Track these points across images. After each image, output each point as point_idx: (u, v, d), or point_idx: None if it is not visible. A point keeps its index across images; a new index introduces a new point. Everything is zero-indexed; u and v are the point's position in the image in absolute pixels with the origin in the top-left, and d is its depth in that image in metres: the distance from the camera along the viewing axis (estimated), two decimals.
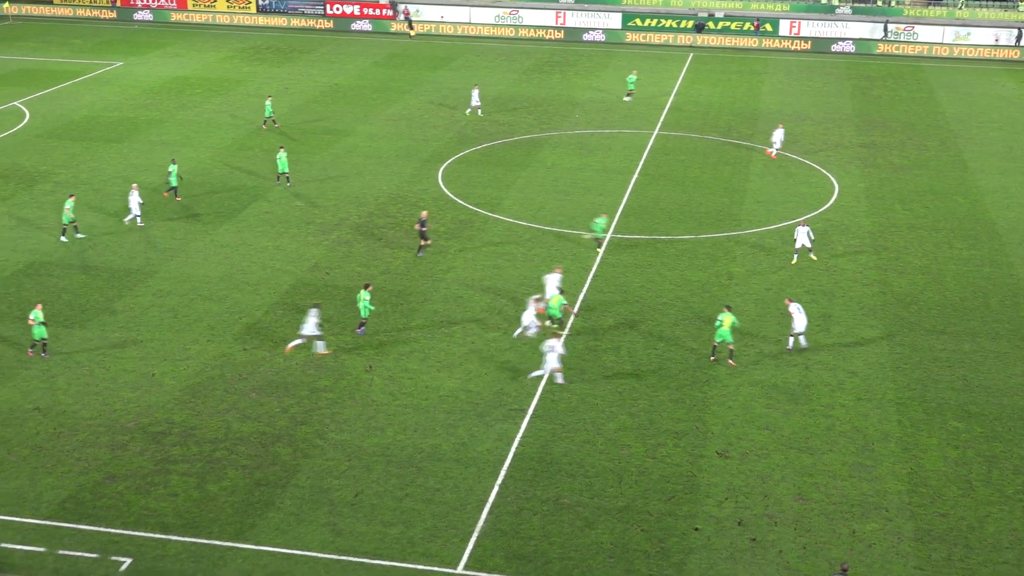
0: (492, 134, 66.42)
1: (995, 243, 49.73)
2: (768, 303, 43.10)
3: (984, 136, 67.80)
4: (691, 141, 65.80)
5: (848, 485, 31.47)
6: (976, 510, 30.41)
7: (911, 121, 71.05)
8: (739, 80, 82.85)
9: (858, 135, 67.74)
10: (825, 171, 60.11)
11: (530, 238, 49.32)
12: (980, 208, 54.40)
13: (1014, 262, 47.49)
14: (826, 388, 36.77)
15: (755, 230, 50.87)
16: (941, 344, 39.97)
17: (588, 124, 69.21)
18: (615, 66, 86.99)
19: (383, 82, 79.96)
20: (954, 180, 58.84)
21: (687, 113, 72.52)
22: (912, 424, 34.66)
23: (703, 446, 33.37)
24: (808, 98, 77.28)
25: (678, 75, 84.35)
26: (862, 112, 73.53)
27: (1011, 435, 34.07)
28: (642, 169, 60.02)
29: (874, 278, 45.68)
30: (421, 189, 56.07)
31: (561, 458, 32.65)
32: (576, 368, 37.84)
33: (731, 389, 36.62)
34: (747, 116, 71.79)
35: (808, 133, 67.83)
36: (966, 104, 76.08)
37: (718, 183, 57.65)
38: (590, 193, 55.69)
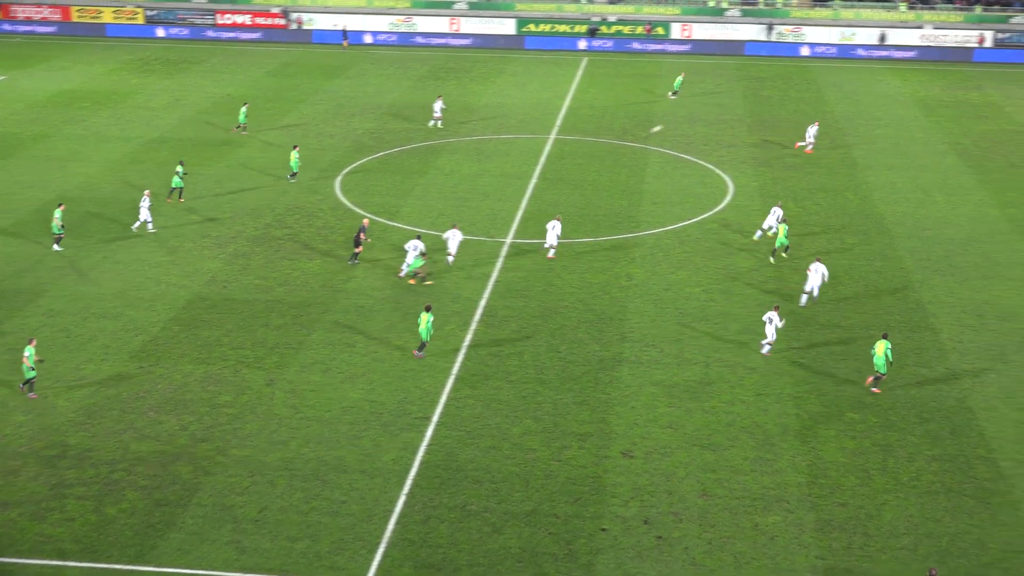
0: (389, 142, 66.20)
1: (885, 237, 51.04)
2: (667, 303, 43.65)
3: (871, 134, 69.59)
4: (587, 145, 66.37)
5: (750, 479, 32.02)
6: (873, 498, 31.16)
7: (801, 121, 72.54)
8: (633, 83, 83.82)
9: (750, 135, 69.01)
10: (719, 171, 61.12)
11: (430, 245, 49.21)
12: (870, 204, 55.80)
13: (903, 256, 48.80)
14: (726, 385, 37.36)
15: (653, 231, 51.49)
16: (836, 337, 40.89)
17: (485, 130, 69.36)
18: (511, 72, 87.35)
19: (277, 92, 79.15)
20: (844, 177, 60.27)
21: (583, 117, 73.13)
22: (810, 417, 35.40)
23: (608, 447, 33.65)
24: (700, 99, 78.47)
25: (573, 79, 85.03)
26: (753, 112, 74.93)
27: (904, 424, 34.99)
28: (540, 174, 60.35)
29: (770, 275, 46.54)
30: (318, 199, 55.63)
31: (467, 465, 32.65)
32: (479, 374, 37.89)
33: (634, 389, 37.01)
34: (642, 119, 72.63)
35: (701, 134, 68.88)
36: (853, 103, 78.01)
37: (615, 186, 58.23)
38: (489, 199, 55.83)
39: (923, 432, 34.54)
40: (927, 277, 46.40)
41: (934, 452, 33.45)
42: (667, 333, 41.15)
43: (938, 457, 33.20)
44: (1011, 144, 67.42)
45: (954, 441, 34.07)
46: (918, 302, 44.00)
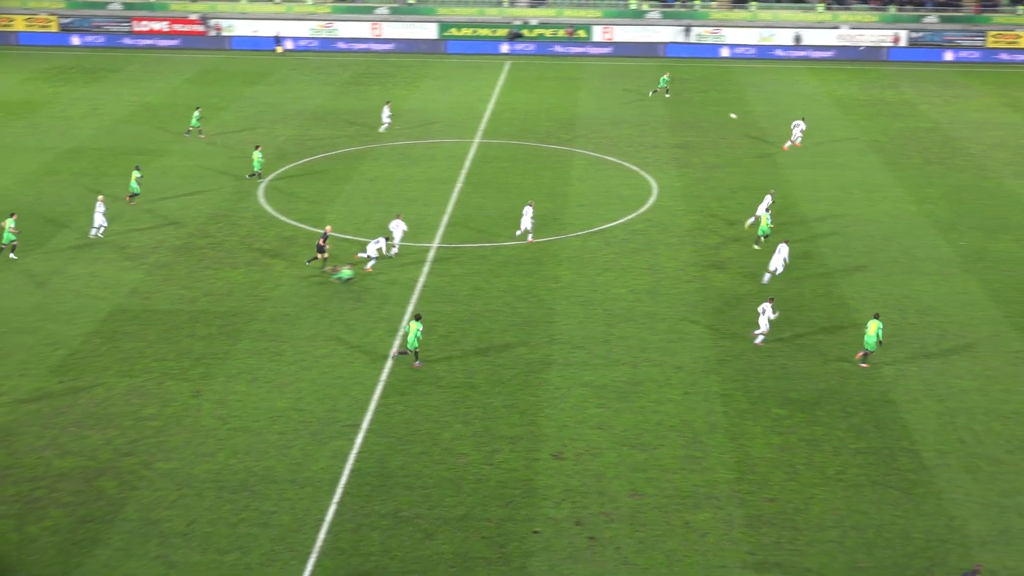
0: (312, 148, 65.75)
1: (807, 235, 51.79)
2: (594, 304, 43.88)
3: (791, 133, 70.48)
4: (512, 148, 66.52)
5: (679, 478, 32.30)
6: (801, 493, 31.61)
7: (722, 121, 73.40)
8: (556, 86, 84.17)
9: (673, 136, 69.65)
10: (643, 172, 61.61)
11: (357, 251, 48.95)
12: (791, 202, 56.61)
13: (825, 252, 49.56)
14: (654, 384, 37.66)
15: (579, 233, 51.74)
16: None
17: (410, 135, 69.18)
18: (434, 76, 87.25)
19: (197, 99, 78.14)
20: (765, 176, 61.07)
21: (507, 120, 73.28)
22: (737, 414, 35.81)
23: (538, 449, 33.73)
24: (623, 102, 79.02)
25: (496, 83, 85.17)
26: (675, 114, 75.63)
27: (829, 418, 35.55)
28: (465, 178, 60.35)
29: (695, 274, 47.01)
30: (242, 207, 55.07)
31: (398, 471, 32.52)
32: (408, 380, 37.76)
33: (563, 391, 37.14)
34: (565, 121, 72.98)
35: (625, 136, 69.38)
36: (773, 103, 79.10)
37: (540, 188, 58.41)
38: (415, 204, 55.69)
39: (848, 426, 35.11)
40: (849, 273, 47.17)
41: (859, 445, 34.03)
42: (595, 334, 41.37)
43: (863, 450, 33.77)
44: (926, 141, 68.84)
45: (878, 434, 34.68)
46: (841, 298, 44.72)
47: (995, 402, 36.60)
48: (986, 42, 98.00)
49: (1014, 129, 72.03)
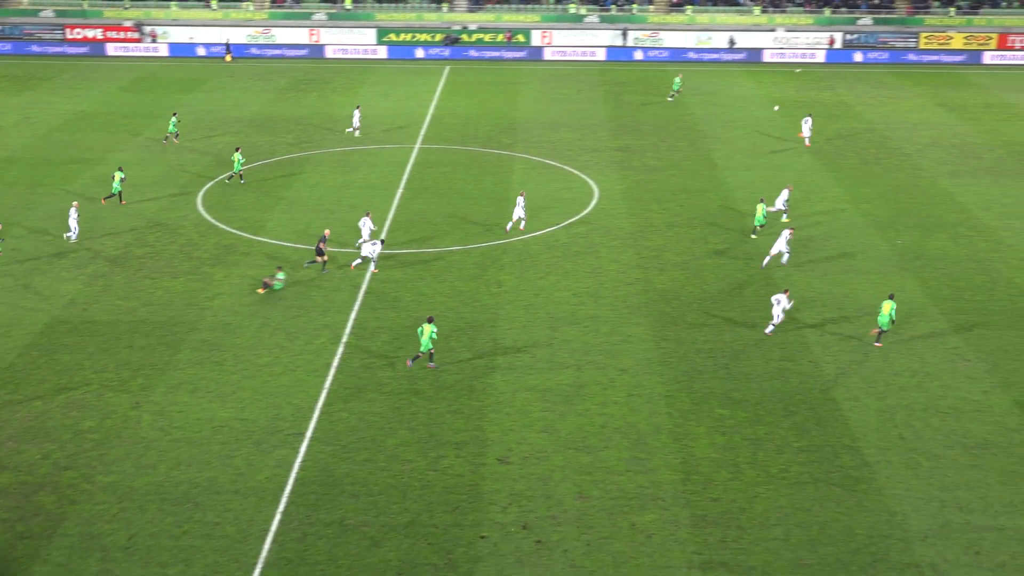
0: (251, 156, 65.25)
1: (745, 236, 52.29)
2: (537, 308, 43.98)
3: (730, 135, 71.30)
4: (453, 153, 66.50)
5: (625, 479, 32.46)
6: (745, 492, 31.90)
7: (662, 124, 73.97)
8: (496, 91, 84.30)
9: (613, 139, 70.03)
10: (585, 176, 61.87)
11: (298, 259, 48.69)
12: (731, 203, 57.14)
13: (764, 253, 50.04)
14: (598, 387, 37.82)
15: (521, 237, 51.83)
16: (703, 336, 41.74)
17: (349, 141, 68.92)
18: (373, 82, 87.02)
19: (132, 107, 77.34)
20: (705, 178, 61.61)
21: (447, 125, 73.26)
22: (681, 415, 36.06)
23: (484, 454, 33.73)
24: (563, 106, 79.36)
25: (436, 88, 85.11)
26: (615, 117, 76.07)
27: (772, 417, 35.91)
28: (406, 183, 60.23)
29: (637, 277, 47.29)
30: (180, 216, 54.52)
31: (343, 479, 32.36)
32: (352, 387, 37.60)
33: (507, 395, 37.18)
34: (506, 126, 73.11)
35: (566, 140, 69.64)
36: (711, 105, 79.82)
37: (482, 193, 58.46)
38: (356, 210, 55.46)
39: (790, 425, 35.50)
40: (788, 273, 47.69)
41: (801, 444, 34.41)
42: (538, 338, 41.46)
43: (805, 448, 34.15)
44: (862, 142, 69.83)
45: (820, 432, 35.09)
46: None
47: (933, 398, 37.20)
48: (919, 43, 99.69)
49: (947, 128, 73.28)
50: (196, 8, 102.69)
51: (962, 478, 32.58)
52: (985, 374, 38.90)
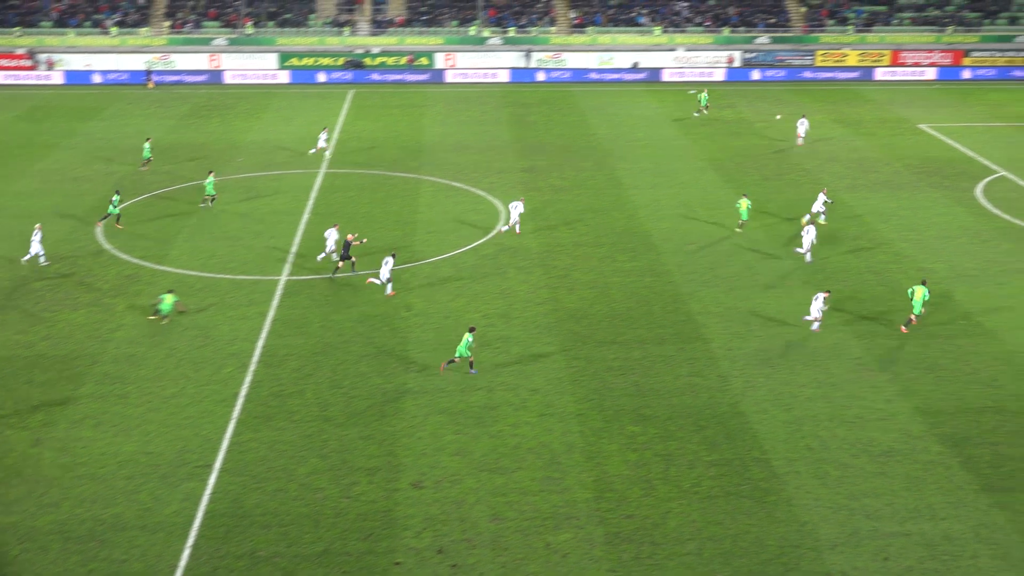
0: (153, 184, 64.24)
1: (652, 253, 52.86)
2: (447, 331, 43.89)
3: (634, 154, 72.10)
4: (359, 177, 66.21)
5: (539, 499, 32.49)
6: (658, 507, 32.14)
7: (567, 144, 74.54)
8: (401, 114, 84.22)
9: (519, 160, 70.37)
10: (491, 197, 62.03)
11: (202, 287, 48.00)
12: (636, 221, 57.73)
13: (671, 270, 50.65)
14: (510, 408, 37.84)
15: (429, 260, 51.75)
16: (613, 354, 42.04)
17: (253, 167, 68.26)
18: (276, 107, 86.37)
19: (27, 136, 75.67)
20: (611, 197, 62.17)
21: (352, 150, 72.96)
22: (593, 433, 36.23)
23: (397, 479, 33.51)
24: (468, 128, 79.56)
25: (340, 112, 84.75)
26: (520, 138, 76.47)
27: (683, 432, 36.26)
28: (312, 209, 59.79)
29: (546, 296, 47.49)
30: (79, 246, 53.39)
31: (254, 510, 31.88)
32: (261, 416, 37.11)
33: (419, 419, 37.02)
34: (412, 149, 73.04)
35: (472, 162, 69.79)
36: (614, 125, 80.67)
37: (389, 217, 58.27)
38: (261, 237, 54.90)
39: (701, 439, 35.87)
40: (695, 289, 48.30)
41: (712, 458, 34.79)
42: None
43: (716, 462, 34.54)
44: (763, 158, 71.12)
45: (730, 446, 35.52)
46: (688, 314, 45.73)
47: (838, 408, 37.91)
48: (815, 61, 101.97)
49: (845, 143, 75.00)
50: (93, 35, 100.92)
51: (869, 486, 33.23)
52: (887, 383, 39.77)
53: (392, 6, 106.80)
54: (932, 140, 76.40)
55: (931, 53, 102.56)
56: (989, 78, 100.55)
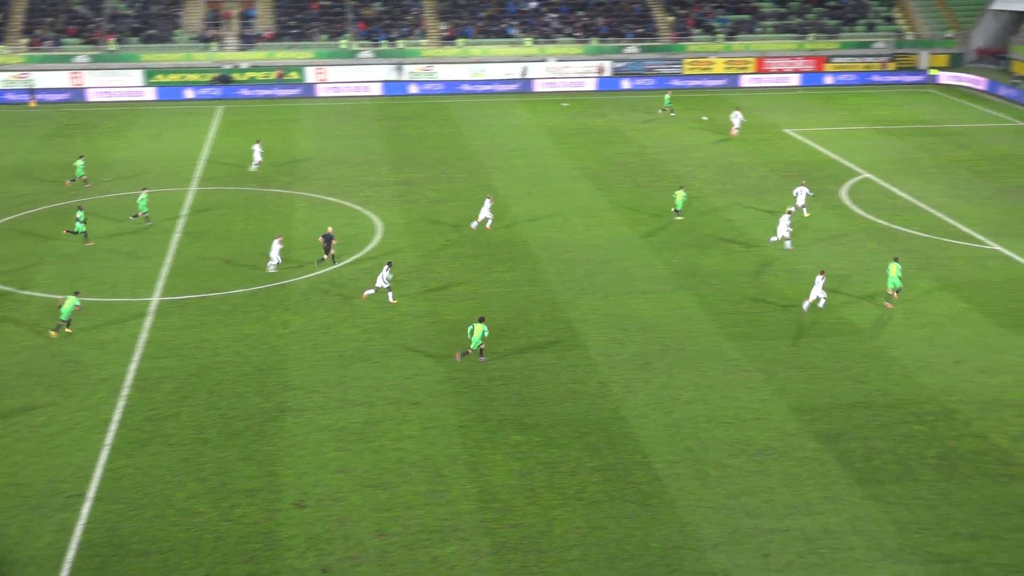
0: (15, 206, 62.28)
1: (530, 263, 53.18)
2: (326, 347, 43.48)
3: (508, 164, 72.52)
4: (231, 194, 65.21)
5: (424, 513, 32.36)
6: (543, 515, 32.29)
7: (441, 156, 74.60)
8: (272, 129, 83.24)
9: (393, 173, 70.16)
10: (367, 211, 61.69)
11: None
12: (514, 232, 58.04)
13: (549, 278, 51.03)
14: (392, 423, 37.64)
15: (307, 276, 51.20)
16: (494, 364, 42.12)
17: (121, 187, 66.67)
18: (143, 124, 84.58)
19: None
20: None
21: (224, 166, 71.83)
22: (476, 444, 36.25)
23: (279, 500, 33.02)
24: (342, 142, 79.04)
25: (209, 129, 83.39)
26: (395, 151, 76.27)
27: (565, 440, 36.52)
28: (183, 228, 58.65)
29: (425, 309, 47.39)
30: None
31: (131, 538, 31.07)
32: (136, 442, 36.21)
33: (300, 438, 36.56)
34: (285, 164, 72.25)
35: (346, 176, 69.33)
36: (489, 136, 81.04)
37: (264, 233, 57.48)
38: (131, 257, 53.65)
39: (583, 446, 36.17)
40: (573, 297, 48.74)
41: (595, 463, 35.10)
42: (329, 377, 40.98)
43: (599, 468, 34.85)
44: (635, 166, 72.19)
45: (612, 451, 35.89)
46: (566, 321, 46.12)
47: (716, 410, 38.63)
48: (683, 69, 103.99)
49: (714, 150, 76.60)
50: None
51: (748, 484, 33.91)
52: (762, 383, 40.67)
53: (260, 20, 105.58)
54: (798, 144, 78.56)
55: (794, 60, 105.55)
56: (850, 83, 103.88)
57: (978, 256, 53.94)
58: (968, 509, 32.55)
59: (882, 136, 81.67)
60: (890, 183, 67.89)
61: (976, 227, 58.66)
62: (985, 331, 45.35)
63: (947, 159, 74.53)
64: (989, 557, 30.30)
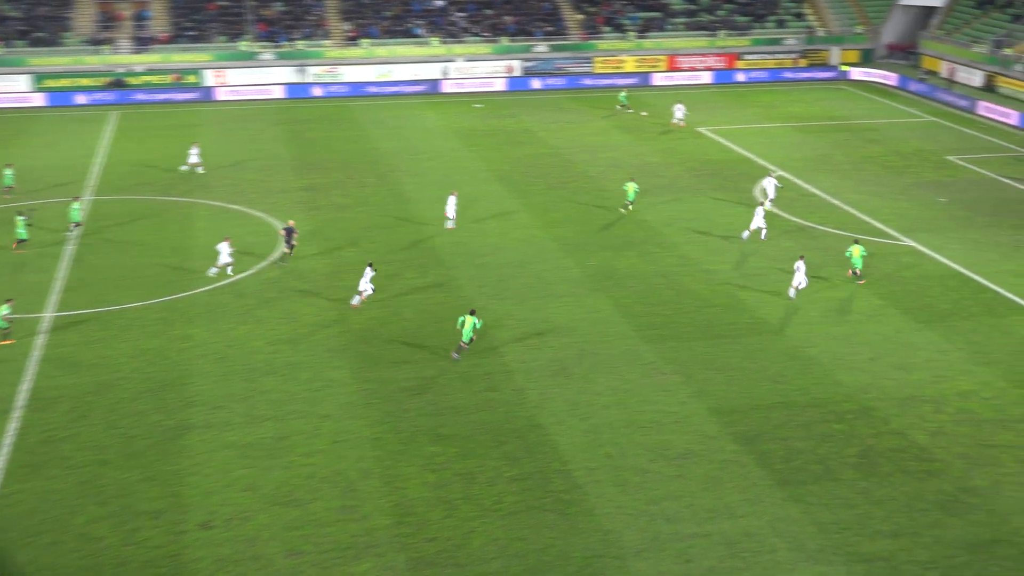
0: None
1: (442, 268, 53.05)
2: (231, 360, 42.91)
3: (418, 167, 72.32)
4: (129, 203, 64.06)
5: (337, 530, 32.06)
6: (460, 528, 32.19)
7: (348, 160, 74.14)
8: (171, 135, 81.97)
9: (298, 179, 69.54)
10: (271, 219, 61.01)
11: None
12: (424, 236, 57.87)
13: (462, 284, 50.96)
14: (302, 437, 37.24)
15: (208, 287, 50.47)
16: (406, 373, 41.93)
17: (13, 196, 65.07)
18: (35, 131, 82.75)
19: None
20: (397, 213, 62.12)
21: (120, 174, 70.56)
22: (390, 457, 36.03)
23: (184, 521, 32.47)
24: (244, 147, 78.12)
25: (103, 135, 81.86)
26: (299, 156, 75.61)
27: (482, 450, 36.47)
28: (79, 239, 57.42)
29: (334, 318, 47.01)
30: None
31: (26, 567, 30.29)
32: (30, 465, 35.34)
33: (205, 456, 35.99)
34: (184, 171, 71.13)
35: (249, 182, 68.53)
36: (397, 138, 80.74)
37: (163, 243, 56.58)
38: (23, 271, 52.41)
39: (500, 455, 36.15)
40: (487, 303, 48.71)
41: (513, 473, 35.10)
42: (235, 392, 40.43)
43: (517, 477, 34.86)
44: (547, 167, 72.48)
45: (530, 459, 35.91)
46: (481, 327, 46.03)
47: (634, 414, 38.88)
48: (594, 68, 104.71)
49: (627, 149, 77.22)
50: None
51: (668, 489, 34.18)
52: (680, 385, 41.06)
53: (155, 22, 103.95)
54: (711, 143, 79.55)
55: (705, 57, 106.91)
56: (761, 80, 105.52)
57: (892, 252, 55.09)
58: (888, 507, 33.19)
59: (795, 133, 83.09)
60: (804, 180, 69.06)
61: (890, 223, 59.92)
62: (901, 327, 46.34)
63: (860, 155, 76.07)
64: (910, 555, 30.92)
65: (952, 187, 68.00)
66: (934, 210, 62.88)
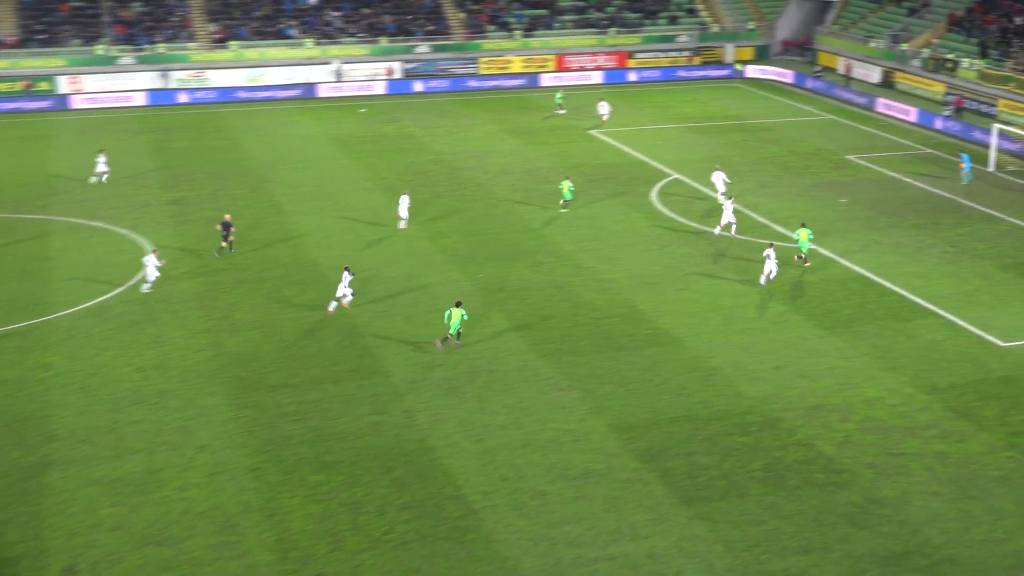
0: None
1: (323, 285, 52.62)
2: (95, 390, 42.07)
3: (293, 177, 71.80)
4: None
5: (215, 569, 31.60)
6: (349, 561, 31.97)
7: (218, 171, 73.27)
8: (23, 147, 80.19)
9: (165, 192, 68.51)
10: (135, 235, 59.97)
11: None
12: (302, 251, 57.43)
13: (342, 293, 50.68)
14: (175, 470, 36.64)
15: (68, 311, 49.41)
16: (287, 398, 41.55)
17: None
18: None
19: None
20: (272, 226, 61.55)
21: None
22: (271, 488, 35.64)
23: (46, 566, 31.70)
24: (106, 158, 76.61)
25: None
26: (165, 167, 74.51)
27: (370, 476, 36.28)
28: None
29: (206, 342, 46.37)
30: None
31: None
32: None
33: (69, 494, 35.19)
34: (39, 186, 69.66)
35: (110, 196, 67.31)
36: (270, 147, 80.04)
37: (15, 266, 55.25)
38: None
39: (389, 482, 36.00)
40: (371, 320, 48.51)
41: (403, 500, 34.98)
42: (100, 424, 39.62)
43: (408, 505, 34.75)
44: (432, 174, 72.54)
45: (421, 486, 35.83)
46: (366, 347, 45.88)
47: (531, 433, 39.05)
48: (479, 69, 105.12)
49: (517, 155, 77.67)
50: None
51: (569, 512, 34.38)
52: (579, 401, 41.37)
53: (2, 25, 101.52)
54: (604, 146, 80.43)
55: (596, 56, 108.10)
56: (654, 79, 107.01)
57: (793, 256, 56.28)
58: (797, 522, 33.85)
59: (690, 134, 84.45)
60: (701, 183, 70.19)
61: (790, 226, 61.22)
62: (804, 334, 47.35)
63: (757, 156, 77.63)
64: (820, 571, 31.57)
65: (852, 187, 69.79)
66: (835, 211, 64.44)
